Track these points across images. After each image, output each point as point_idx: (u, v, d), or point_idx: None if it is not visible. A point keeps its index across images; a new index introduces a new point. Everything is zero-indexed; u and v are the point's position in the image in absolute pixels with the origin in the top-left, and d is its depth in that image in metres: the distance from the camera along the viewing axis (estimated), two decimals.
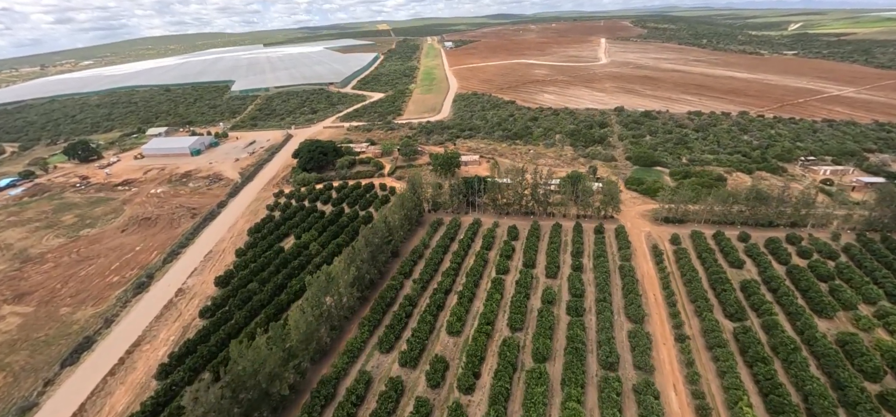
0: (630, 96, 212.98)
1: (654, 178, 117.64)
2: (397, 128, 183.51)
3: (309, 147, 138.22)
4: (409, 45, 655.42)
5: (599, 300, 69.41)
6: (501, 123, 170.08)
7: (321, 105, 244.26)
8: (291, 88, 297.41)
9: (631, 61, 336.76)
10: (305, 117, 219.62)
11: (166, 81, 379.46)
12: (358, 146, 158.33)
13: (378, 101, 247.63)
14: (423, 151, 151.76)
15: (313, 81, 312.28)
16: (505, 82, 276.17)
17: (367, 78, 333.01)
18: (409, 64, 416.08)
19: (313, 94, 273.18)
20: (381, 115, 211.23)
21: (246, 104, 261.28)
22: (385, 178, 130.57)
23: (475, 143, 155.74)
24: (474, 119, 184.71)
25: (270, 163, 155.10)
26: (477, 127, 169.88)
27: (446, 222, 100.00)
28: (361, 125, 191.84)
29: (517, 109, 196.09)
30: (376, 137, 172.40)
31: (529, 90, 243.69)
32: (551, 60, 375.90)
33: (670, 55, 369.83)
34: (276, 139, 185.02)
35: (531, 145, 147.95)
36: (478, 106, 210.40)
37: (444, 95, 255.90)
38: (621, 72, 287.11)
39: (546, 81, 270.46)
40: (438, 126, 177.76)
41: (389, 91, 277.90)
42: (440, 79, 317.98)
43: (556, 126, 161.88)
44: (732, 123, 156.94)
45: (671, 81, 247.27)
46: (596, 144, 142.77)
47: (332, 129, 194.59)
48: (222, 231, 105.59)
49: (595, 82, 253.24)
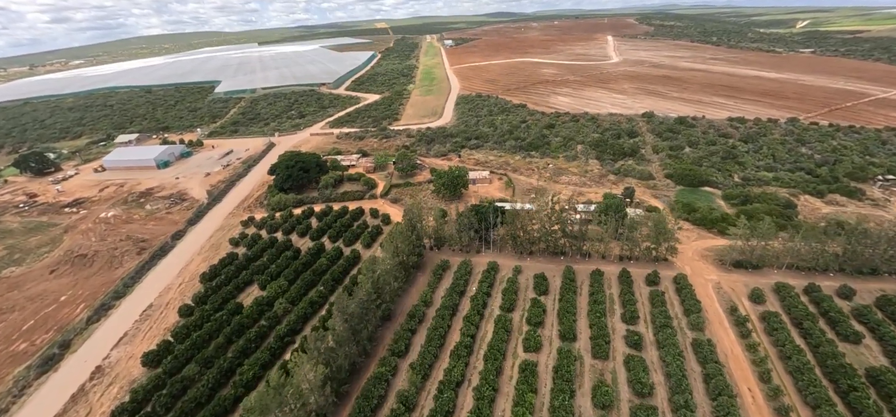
0: (655, 99, 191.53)
1: (707, 203, 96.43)
2: (393, 136, 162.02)
3: (288, 162, 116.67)
4: (407, 43, 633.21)
5: (676, 404, 48.25)
6: (513, 131, 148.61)
7: (310, 108, 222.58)
8: (280, 89, 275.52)
9: (645, 60, 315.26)
10: (292, 123, 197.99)
11: (150, 82, 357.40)
12: (347, 159, 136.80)
13: (373, 103, 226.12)
14: (423, 164, 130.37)
15: (304, 81, 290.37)
16: (511, 83, 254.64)
17: (363, 78, 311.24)
18: (407, 63, 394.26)
19: (303, 96, 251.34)
20: (375, 120, 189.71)
21: (228, 107, 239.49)
22: (377, 201, 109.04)
23: (483, 154, 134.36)
24: (481, 125, 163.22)
25: (245, 179, 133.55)
26: (485, 135, 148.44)
27: (454, 266, 78.68)
28: (353, 132, 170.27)
29: (530, 115, 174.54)
30: (369, 148, 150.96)
31: (540, 92, 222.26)
32: (558, 58, 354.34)
33: (684, 53, 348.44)
34: (257, 149, 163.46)
35: (550, 159, 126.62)
36: (484, 110, 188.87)
37: (446, 96, 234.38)
38: (638, 71, 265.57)
39: (557, 81, 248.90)
40: (440, 134, 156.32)
41: (386, 92, 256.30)
42: (440, 79, 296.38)
43: (577, 135, 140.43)
44: (784, 132, 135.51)
45: (695, 82, 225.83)
46: (627, 157, 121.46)
47: (320, 136, 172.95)
48: (171, 275, 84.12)
49: (612, 83, 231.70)
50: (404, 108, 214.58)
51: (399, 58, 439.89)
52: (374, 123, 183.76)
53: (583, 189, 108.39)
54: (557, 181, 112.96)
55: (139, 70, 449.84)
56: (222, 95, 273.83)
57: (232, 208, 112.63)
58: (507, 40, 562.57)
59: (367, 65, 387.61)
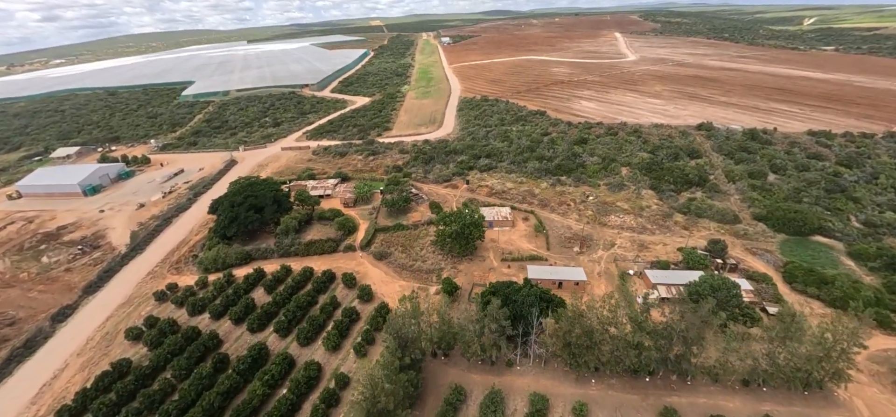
0: (700, 105, 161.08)
1: (830, 263, 66.30)
2: (383, 152, 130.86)
3: (236, 197, 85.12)
4: (402, 40, 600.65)
5: None
6: (534, 147, 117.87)
7: (288, 115, 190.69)
8: (256, 91, 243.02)
9: (665, 57, 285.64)
10: (263, 133, 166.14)
11: (118, 83, 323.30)
12: (321, 185, 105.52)
13: (361, 108, 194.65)
14: (420, 193, 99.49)
15: (285, 82, 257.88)
16: (520, 83, 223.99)
17: (352, 78, 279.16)
18: (401, 61, 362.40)
19: (281, 99, 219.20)
20: (362, 129, 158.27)
21: (194, 113, 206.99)
22: (356, 256, 77.71)
23: (499, 179, 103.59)
24: (492, 138, 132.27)
25: (187, 213, 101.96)
26: (498, 152, 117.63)
27: (473, 395, 47.86)
28: (334, 146, 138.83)
29: (552, 124, 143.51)
30: (352, 168, 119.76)
31: (557, 95, 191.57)
32: (566, 55, 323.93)
33: (707, 50, 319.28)
34: (213, 168, 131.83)
35: (588, 187, 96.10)
36: (494, 118, 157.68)
37: (446, 100, 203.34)
38: (664, 71, 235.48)
39: (575, 82, 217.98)
40: (441, 149, 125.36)
41: (377, 95, 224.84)
42: (439, 79, 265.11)
43: (620, 154, 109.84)
44: (889, 151, 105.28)
45: (736, 83, 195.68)
46: (692, 186, 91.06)
47: (294, 152, 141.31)
48: (21, 402, 52.62)
49: (640, 84, 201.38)
50: (397, 114, 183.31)
51: (393, 56, 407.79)
52: (361, 134, 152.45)
53: (643, 237, 77.88)
54: (605, 223, 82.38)
55: (110, 70, 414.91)
56: (190, 98, 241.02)
57: (155, 264, 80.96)
58: (508, 37, 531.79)
59: (357, 64, 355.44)
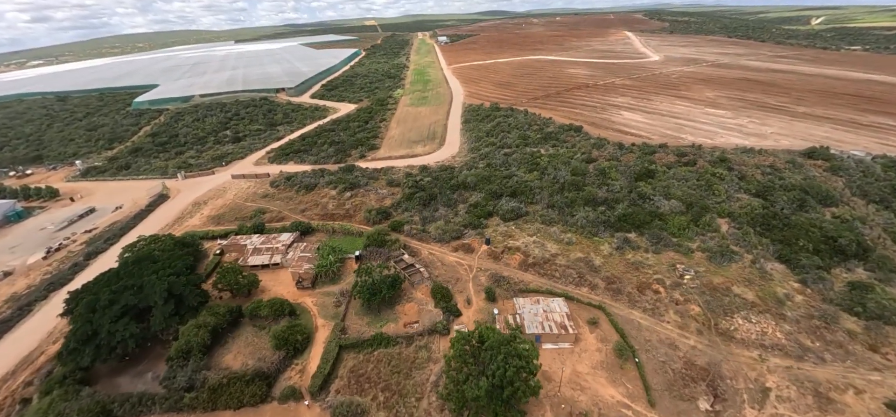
0: (777, 117, 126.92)
1: None
2: (364, 184, 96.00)
3: (97, 292, 49.90)
4: (396, 40, 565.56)
5: None
6: (578, 182, 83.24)
7: (254, 126, 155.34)
8: (223, 96, 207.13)
9: (694, 57, 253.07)
10: (217, 152, 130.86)
11: (75, 87, 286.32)
12: (266, 247, 70.54)
13: (344, 118, 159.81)
14: (416, 265, 64.92)
15: (257, 86, 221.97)
16: (535, 87, 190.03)
17: (337, 81, 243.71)
18: (395, 61, 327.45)
19: (249, 107, 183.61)
20: (341, 148, 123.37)
21: (141, 124, 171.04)
22: (303, 410, 42.91)
23: (534, 234, 69.27)
24: (514, 165, 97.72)
25: (56, 296, 66.61)
26: (526, 188, 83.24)
27: None
28: (301, 174, 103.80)
29: (595, 146, 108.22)
30: (319, 210, 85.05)
31: (584, 101, 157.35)
32: (578, 55, 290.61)
33: (737, 50, 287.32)
34: (136, 205, 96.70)
35: (676, 252, 62.11)
36: (513, 134, 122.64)
37: (446, 107, 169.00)
38: (703, 72, 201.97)
39: (601, 87, 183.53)
40: (445, 181, 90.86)
41: (365, 100, 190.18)
42: (437, 81, 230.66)
43: (708, 195, 75.67)
44: None
45: (804, 89, 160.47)
46: (848, 257, 57.09)
47: (247, 182, 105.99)
48: None
49: (682, 89, 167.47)
50: (387, 126, 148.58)
51: (386, 56, 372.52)
52: (339, 155, 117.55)
53: (808, 370, 43.72)
54: (731, 336, 48.20)
55: (70, 73, 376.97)
56: (145, 105, 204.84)
57: None
58: (509, 36, 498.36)
59: (345, 64, 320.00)
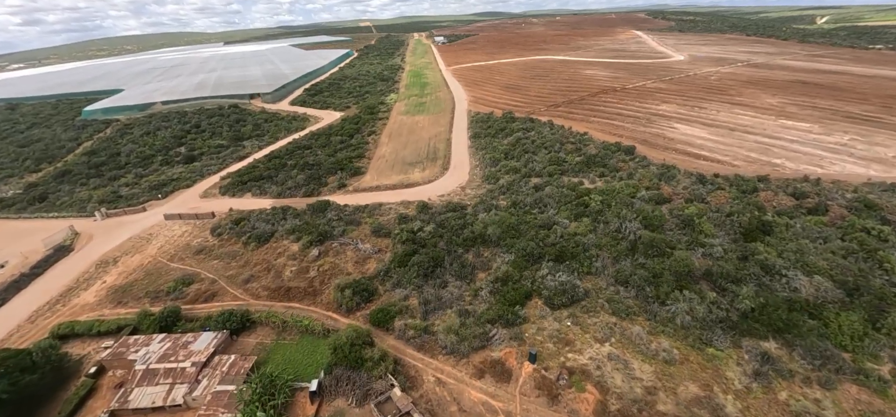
0: (874, 130, 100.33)
1: None
2: (339, 234, 68.10)
3: None
4: (391, 40, 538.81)
5: None
6: (657, 240, 55.40)
7: (216, 140, 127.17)
8: (188, 103, 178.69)
9: (722, 57, 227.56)
10: (160, 177, 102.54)
11: (32, 93, 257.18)
12: (162, 373, 42.41)
13: (326, 129, 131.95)
14: (413, 414, 36.80)
15: (229, 91, 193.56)
16: (551, 91, 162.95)
17: (322, 84, 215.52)
18: (390, 63, 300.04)
19: (214, 117, 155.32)
20: (316, 173, 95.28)
21: (81, 138, 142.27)
22: None
23: (608, 336, 41.88)
24: (551, 206, 70.10)
25: None
26: (577, 247, 55.68)
27: None
28: (253, 217, 75.73)
29: (663, 176, 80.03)
30: (269, 279, 57.12)
31: (619, 110, 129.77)
32: (589, 54, 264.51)
33: (763, 48, 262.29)
34: (24, 263, 68.06)
35: (866, 392, 34.33)
36: (540, 155, 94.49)
37: (449, 116, 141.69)
38: (743, 73, 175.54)
39: (633, 91, 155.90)
40: (455, 230, 63.19)
41: (352, 107, 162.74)
42: (436, 84, 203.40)
43: (871, 267, 48.39)
44: None
45: (886, 96, 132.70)
46: None
47: (184, 225, 77.65)
48: None
49: (732, 94, 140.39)
50: (377, 141, 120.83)
51: (380, 56, 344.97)
52: (311, 185, 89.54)
53: None
54: None
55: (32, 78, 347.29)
56: (99, 113, 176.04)
57: None
58: (510, 36, 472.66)
59: (333, 66, 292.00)
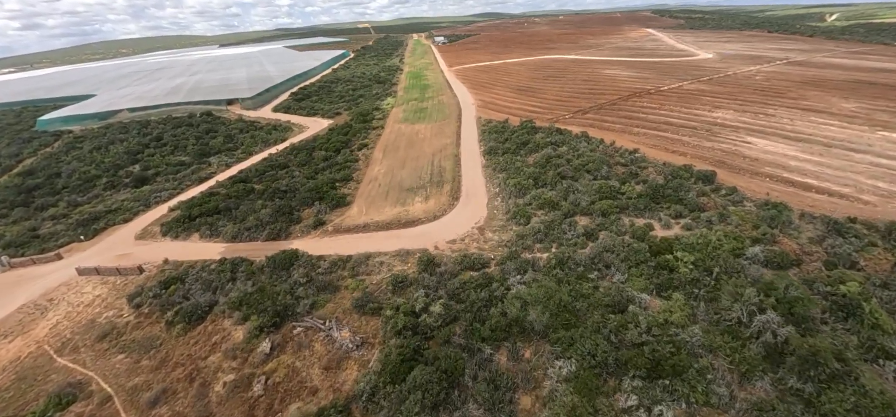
0: None
1: None
2: (305, 313, 46.70)
3: None
4: (390, 41, 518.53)
5: None
6: (816, 350, 34.53)
7: (179, 156, 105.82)
8: (155, 110, 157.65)
9: (754, 55, 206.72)
10: (98, 205, 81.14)
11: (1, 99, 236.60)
12: None
13: (310, 141, 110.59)
14: None
15: (205, 97, 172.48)
16: (570, 93, 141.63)
17: (312, 88, 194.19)
18: (387, 63, 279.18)
19: (181, 126, 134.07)
20: (282, 211, 73.63)
21: (22, 155, 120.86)
22: None
23: None
24: (614, 266, 48.58)
25: None
26: (675, 349, 34.15)
27: None
28: (191, 277, 54.44)
29: (772, 221, 56.98)
30: (190, 398, 35.44)
31: (670, 119, 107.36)
32: (605, 53, 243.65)
33: (794, 45, 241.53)
34: None
35: None
36: (582, 180, 72.72)
37: (454, 125, 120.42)
38: (791, 72, 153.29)
39: (674, 95, 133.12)
40: (475, 309, 41.98)
41: (343, 113, 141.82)
42: (438, 87, 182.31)
43: None
44: None
45: None
46: None
47: (97, 286, 56.23)
48: None
49: (797, 97, 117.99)
50: (369, 157, 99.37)
51: (377, 57, 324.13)
52: (278, 222, 67.94)
53: None
54: None
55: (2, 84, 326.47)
56: (58, 123, 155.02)
57: None
58: (513, 35, 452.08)
59: (326, 68, 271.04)
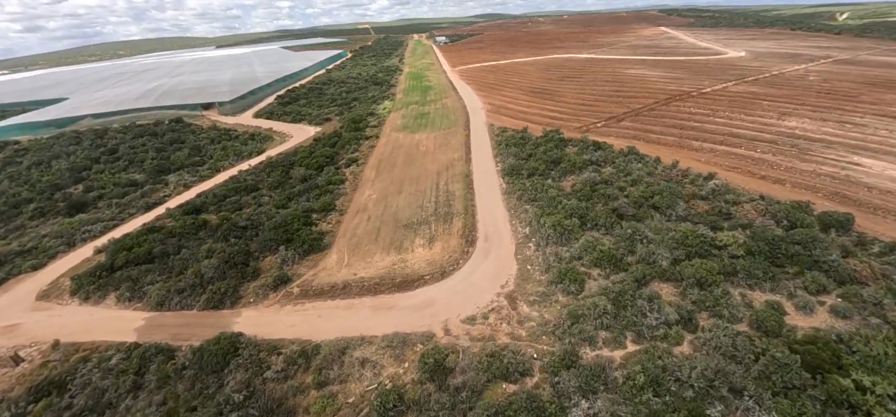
0: None
1: None
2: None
3: None
4: (390, 41, 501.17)
5: None
6: None
7: (132, 173, 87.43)
8: (121, 117, 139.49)
9: (789, 52, 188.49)
10: (11, 245, 62.47)
11: None
12: None
13: (289, 154, 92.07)
14: None
15: (182, 101, 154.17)
16: (594, 96, 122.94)
17: (301, 90, 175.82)
18: (386, 63, 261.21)
19: (144, 136, 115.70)
20: (235, 260, 54.91)
21: None
22: None
23: None
24: (751, 393, 29.92)
25: None
26: None
27: None
28: (92, 369, 35.89)
29: None
30: None
31: (735, 129, 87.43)
32: (621, 52, 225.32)
33: (827, 43, 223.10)
34: None
35: None
36: (647, 223, 53.29)
37: (462, 134, 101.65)
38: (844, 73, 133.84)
39: (725, 99, 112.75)
40: None
41: (334, 118, 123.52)
42: (441, 88, 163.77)
43: None
44: None
45: None
46: None
47: None
48: None
49: (866, 101, 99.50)
50: (358, 178, 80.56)
51: (375, 57, 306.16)
52: (227, 279, 49.14)
53: None
54: None
55: None
56: (14, 131, 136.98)
57: None
58: (518, 34, 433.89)
59: (320, 68, 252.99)
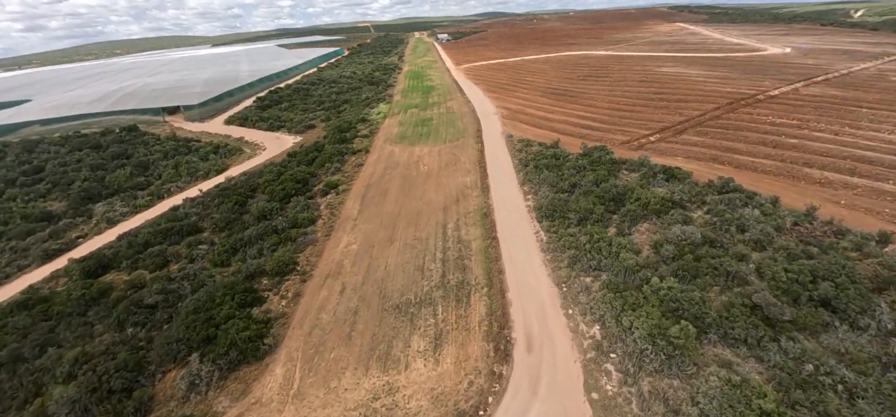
0: None
1: None
2: None
3: None
4: (389, 39, 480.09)
5: None
6: None
7: (49, 204, 66.45)
8: (69, 123, 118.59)
9: (843, 49, 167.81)
10: None
11: None
12: None
13: (252, 176, 70.96)
14: None
15: (143, 105, 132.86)
16: (631, 100, 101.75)
17: (286, 91, 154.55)
18: (384, 61, 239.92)
19: (82, 150, 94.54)
20: (111, 386, 33.93)
21: None
22: None
23: None
24: None
25: None
26: None
27: None
28: None
29: None
30: None
31: (853, 152, 66.65)
32: (641, 49, 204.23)
33: (867, 39, 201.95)
34: None
35: None
36: (803, 344, 33.20)
37: (474, 148, 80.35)
38: None
39: (807, 104, 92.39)
40: None
41: (319, 125, 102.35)
42: (445, 89, 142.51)
43: None
44: None
45: None
46: None
47: None
48: None
49: None
50: (336, 215, 58.97)
51: (373, 55, 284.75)
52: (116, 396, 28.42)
53: None
54: None
55: None
56: None
57: None
58: (525, 32, 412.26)
59: (311, 66, 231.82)
